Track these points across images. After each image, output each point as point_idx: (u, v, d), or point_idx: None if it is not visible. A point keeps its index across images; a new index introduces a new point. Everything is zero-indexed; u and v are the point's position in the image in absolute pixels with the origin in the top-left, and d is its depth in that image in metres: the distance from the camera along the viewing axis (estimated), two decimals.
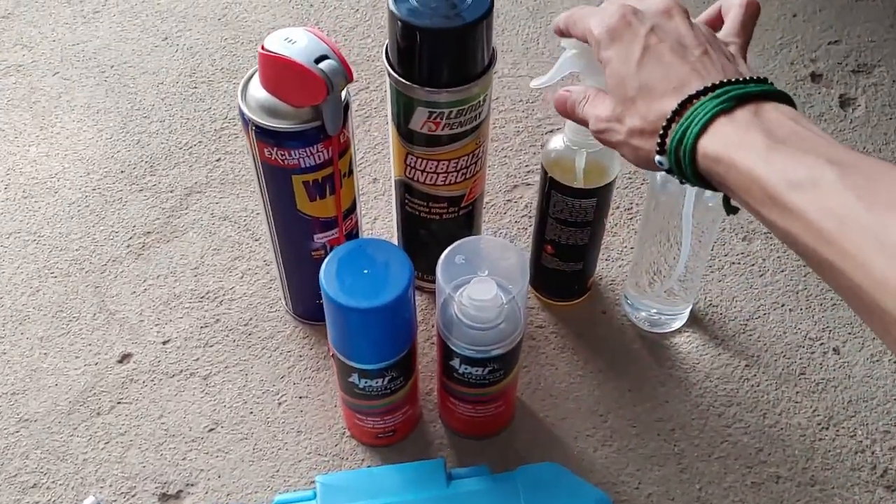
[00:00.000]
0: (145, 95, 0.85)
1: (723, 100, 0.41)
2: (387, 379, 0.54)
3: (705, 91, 0.41)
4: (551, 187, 0.60)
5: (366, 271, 0.50)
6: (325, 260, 0.50)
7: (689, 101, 0.42)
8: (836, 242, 0.34)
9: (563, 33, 0.50)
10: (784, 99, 0.42)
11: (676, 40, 0.44)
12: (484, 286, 0.51)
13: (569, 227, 0.62)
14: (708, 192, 0.57)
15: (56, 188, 0.77)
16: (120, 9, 0.93)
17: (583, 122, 0.49)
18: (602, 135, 0.47)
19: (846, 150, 0.37)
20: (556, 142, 0.60)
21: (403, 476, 0.55)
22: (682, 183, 0.44)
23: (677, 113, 0.42)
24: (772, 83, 0.42)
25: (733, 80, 0.42)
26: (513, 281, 0.52)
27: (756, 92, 0.41)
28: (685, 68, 0.43)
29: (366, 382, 0.54)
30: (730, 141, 0.40)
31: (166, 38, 0.90)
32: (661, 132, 0.42)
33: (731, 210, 0.45)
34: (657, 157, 0.43)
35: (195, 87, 0.86)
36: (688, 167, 0.42)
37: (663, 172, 0.57)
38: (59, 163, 0.79)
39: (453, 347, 0.53)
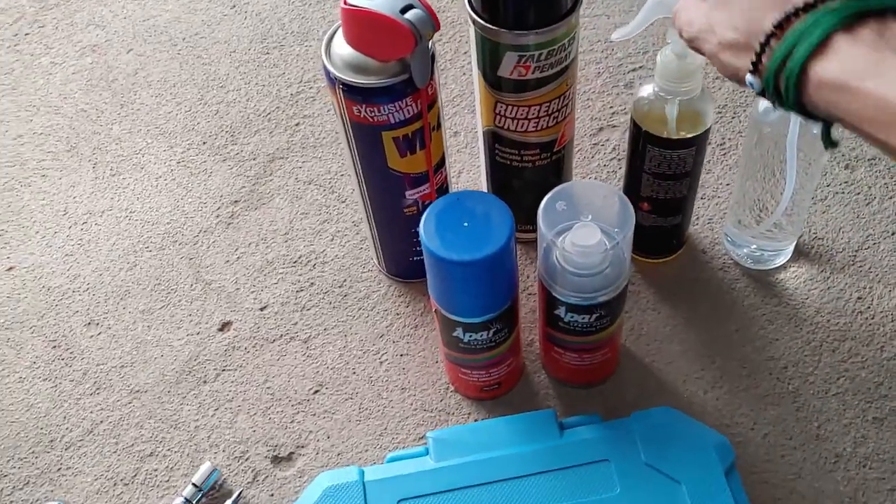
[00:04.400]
0: (219, 65, 0.85)
1: (843, 15, 0.35)
2: (491, 331, 0.53)
3: (815, 4, 0.36)
4: (646, 141, 0.57)
5: (466, 224, 0.49)
6: (424, 215, 0.50)
7: (795, 13, 0.36)
8: None
9: None
10: None
11: None
12: (587, 231, 0.50)
13: (667, 181, 0.59)
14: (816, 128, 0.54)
15: (142, 164, 0.78)
16: None
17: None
18: (693, 43, 0.43)
19: None
20: (647, 90, 0.57)
21: (515, 428, 0.54)
22: (774, 107, 0.39)
23: (779, 27, 0.36)
24: None
25: None
26: (616, 225, 0.50)
27: (879, 6, 0.35)
28: None
29: (470, 336, 0.53)
30: (857, 65, 0.34)
31: (234, 6, 0.90)
32: (758, 49, 0.37)
33: (830, 144, 0.40)
34: (748, 78, 0.38)
35: (268, 53, 0.85)
36: (791, 92, 0.36)
37: (769, 108, 0.54)
38: (143, 138, 0.80)
39: (557, 296, 0.52)
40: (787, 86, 0.36)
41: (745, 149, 0.60)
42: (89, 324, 0.68)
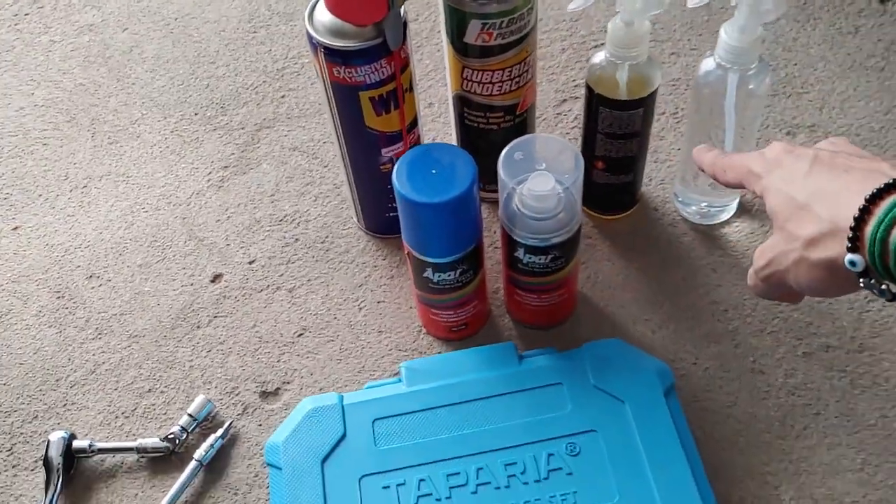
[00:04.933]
0: (210, 43, 0.90)
1: None
2: (458, 272, 0.59)
3: None
4: (598, 103, 0.63)
5: (434, 171, 0.55)
6: (396, 164, 0.55)
7: (887, 189, 0.38)
8: None
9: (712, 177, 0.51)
10: None
11: (846, 152, 0.42)
12: (542, 179, 0.56)
13: (618, 140, 0.65)
14: (752, 83, 0.60)
15: (138, 133, 0.83)
16: None
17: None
18: (769, 268, 0.44)
19: None
20: (599, 57, 0.63)
21: (479, 358, 0.60)
22: (877, 291, 0.39)
23: (872, 202, 0.38)
24: None
25: None
26: (568, 173, 0.56)
27: None
28: (864, 164, 0.40)
29: (439, 276, 0.59)
30: None
31: None
32: (854, 225, 0.38)
33: None
34: (849, 257, 0.38)
35: (255, 32, 0.91)
36: None
37: (710, 70, 0.61)
38: (138, 110, 0.85)
39: (517, 238, 0.58)
40: None
41: (689, 113, 0.66)
42: (90, 277, 0.73)
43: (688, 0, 0.60)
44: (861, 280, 0.39)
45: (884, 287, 0.39)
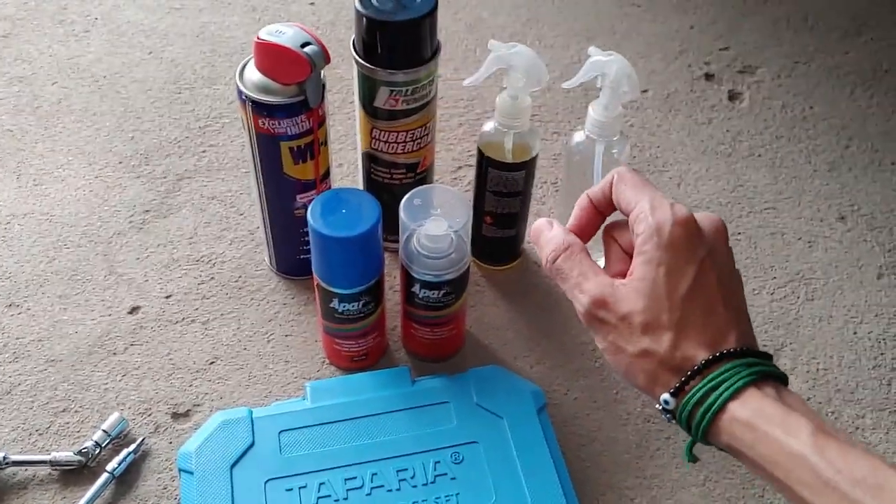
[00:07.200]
0: (136, 100, 0.97)
1: (753, 371, 0.43)
2: (361, 303, 0.67)
3: (736, 354, 0.44)
4: (487, 164, 0.74)
5: (343, 211, 0.63)
6: (311, 204, 0.63)
7: (719, 358, 0.44)
8: None
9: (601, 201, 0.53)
10: (784, 380, 0.45)
11: (725, 275, 0.46)
12: (437, 223, 0.65)
13: (504, 198, 0.76)
14: (615, 149, 0.71)
15: (63, 177, 0.89)
16: (108, 28, 1.06)
17: (554, 275, 0.51)
18: (593, 322, 0.47)
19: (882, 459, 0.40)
20: (489, 126, 0.73)
21: (377, 379, 0.67)
22: (668, 420, 0.46)
23: (706, 367, 0.43)
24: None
25: (756, 350, 0.45)
26: (458, 218, 0.65)
27: (777, 374, 0.45)
28: (724, 318, 0.45)
29: (344, 306, 0.67)
30: (767, 413, 0.42)
31: (151, 52, 1.03)
32: (684, 379, 0.44)
33: (692, 459, 0.47)
34: (665, 396, 0.45)
35: (179, 93, 0.98)
36: (705, 422, 0.43)
37: (580, 141, 0.72)
38: (64, 156, 0.91)
39: (414, 275, 0.67)
40: (703, 417, 0.44)
41: (562, 179, 0.77)
42: (10, 305, 0.77)
43: (564, 83, 0.71)
44: (660, 410, 0.46)
45: (673, 421, 0.46)
